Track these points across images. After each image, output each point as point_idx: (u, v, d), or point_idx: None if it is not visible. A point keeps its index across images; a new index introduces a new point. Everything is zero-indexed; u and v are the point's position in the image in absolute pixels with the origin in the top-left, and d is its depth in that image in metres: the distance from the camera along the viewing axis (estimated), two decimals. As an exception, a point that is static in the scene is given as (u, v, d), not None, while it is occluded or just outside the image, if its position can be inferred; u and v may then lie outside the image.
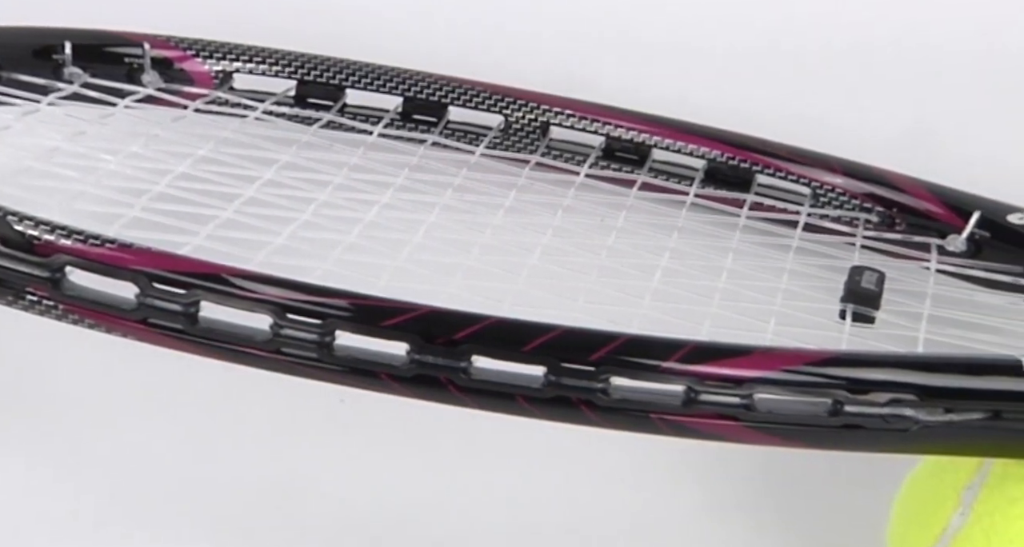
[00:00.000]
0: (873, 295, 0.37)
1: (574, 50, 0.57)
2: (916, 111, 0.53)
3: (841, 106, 0.53)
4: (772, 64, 0.56)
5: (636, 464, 0.38)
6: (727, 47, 0.57)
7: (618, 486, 0.39)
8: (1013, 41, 0.54)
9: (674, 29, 0.58)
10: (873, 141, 0.48)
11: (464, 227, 0.41)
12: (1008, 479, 0.30)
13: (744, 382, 0.31)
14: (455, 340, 0.32)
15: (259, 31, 0.51)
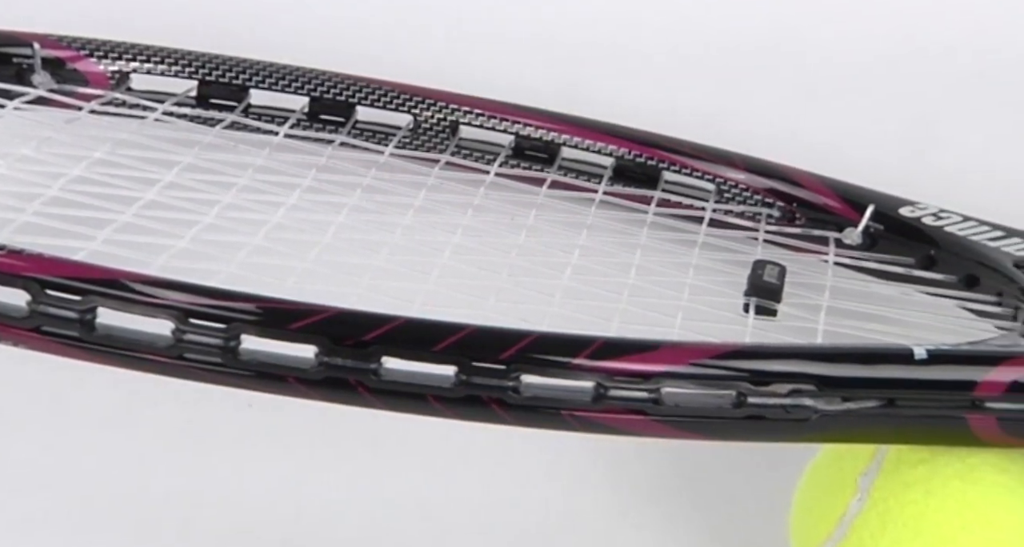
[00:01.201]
0: (775, 288, 0.38)
1: (482, 49, 0.57)
2: (814, 108, 0.55)
3: (743, 103, 0.55)
4: (678, 63, 0.57)
5: (549, 460, 0.39)
6: (635, 46, 0.58)
7: (531, 483, 0.39)
8: (895, 34, 0.56)
9: (581, 28, 0.58)
10: (777, 138, 0.49)
11: (373, 227, 0.41)
12: (902, 464, 0.31)
13: (652, 377, 0.31)
14: (364, 341, 0.31)
15: (158, 30, 0.49)
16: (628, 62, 0.57)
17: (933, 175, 0.49)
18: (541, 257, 0.40)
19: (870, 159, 0.50)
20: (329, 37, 0.56)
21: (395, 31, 0.58)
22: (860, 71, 0.55)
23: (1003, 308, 0.38)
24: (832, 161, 0.46)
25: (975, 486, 0.31)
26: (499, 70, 0.55)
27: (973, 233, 0.41)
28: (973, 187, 0.48)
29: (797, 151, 0.46)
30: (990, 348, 0.33)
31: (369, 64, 0.50)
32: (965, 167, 0.51)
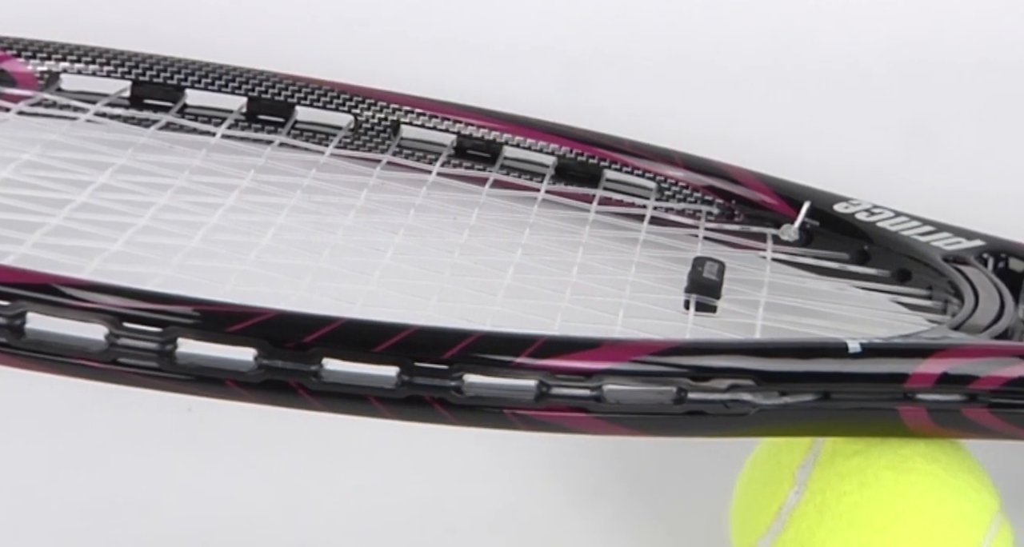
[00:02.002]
0: (714, 285, 0.39)
1: (423, 49, 0.57)
2: (756, 106, 0.55)
3: (686, 102, 0.55)
4: (618, 62, 0.57)
5: (494, 459, 0.39)
6: (574, 45, 0.58)
7: (477, 482, 0.39)
8: (853, 37, 0.57)
9: (520, 28, 0.59)
10: (716, 136, 0.50)
11: (314, 228, 0.40)
12: (838, 456, 0.32)
13: (594, 374, 0.31)
14: (305, 343, 0.31)
15: (89, 30, 0.48)
16: (568, 61, 0.57)
17: (856, 165, 0.50)
18: (484, 256, 0.40)
19: (806, 154, 0.51)
20: (267, 36, 0.55)
21: (335, 30, 0.57)
22: (800, 68, 0.56)
23: (933, 302, 0.39)
24: (769, 159, 0.46)
25: (907, 476, 0.31)
26: (441, 70, 0.55)
27: (904, 228, 0.42)
28: (899, 182, 0.49)
29: (733, 149, 0.47)
30: (921, 341, 0.33)
31: (309, 64, 0.49)
32: (893, 162, 0.52)
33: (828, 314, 0.38)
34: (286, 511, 0.37)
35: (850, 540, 0.31)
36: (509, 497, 0.38)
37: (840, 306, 0.39)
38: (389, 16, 0.58)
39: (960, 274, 0.38)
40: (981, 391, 0.32)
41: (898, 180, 0.50)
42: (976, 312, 0.35)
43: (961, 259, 0.40)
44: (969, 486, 0.32)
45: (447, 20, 0.58)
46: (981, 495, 0.32)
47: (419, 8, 0.58)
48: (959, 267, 0.39)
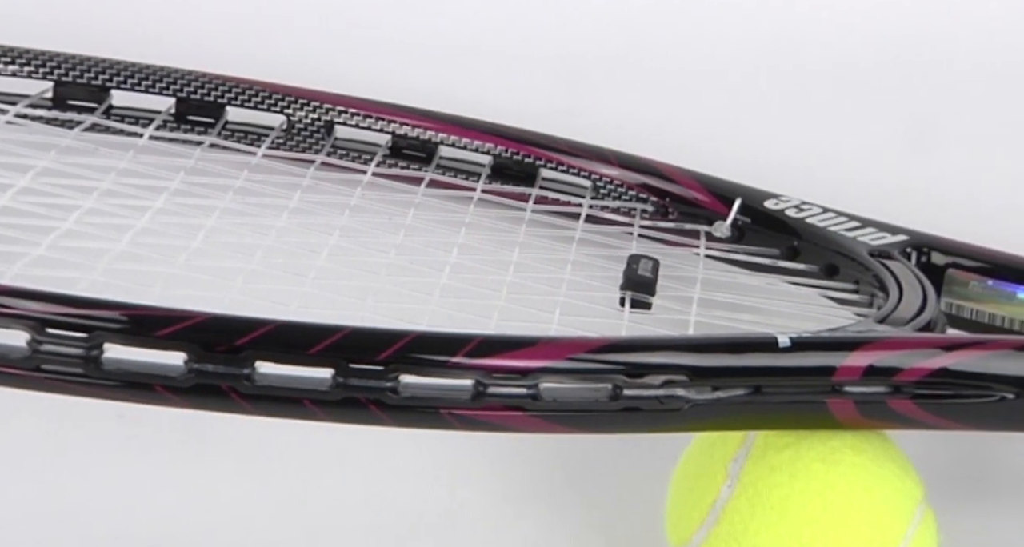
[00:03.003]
0: (649, 282, 0.39)
1: (358, 49, 0.57)
2: (683, 105, 0.56)
3: (617, 101, 0.56)
4: (554, 61, 0.57)
5: (432, 459, 0.39)
6: (508, 44, 0.58)
7: (416, 483, 0.39)
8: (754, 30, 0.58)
9: (453, 25, 0.59)
10: (646, 134, 0.51)
11: (246, 230, 0.40)
12: (769, 449, 0.33)
13: (530, 373, 0.32)
14: (236, 347, 0.31)
15: (9, 28, 0.47)
16: (503, 60, 0.57)
17: (786, 163, 0.51)
18: (420, 256, 0.40)
19: (737, 152, 0.51)
20: (196, 35, 0.55)
21: (266, 29, 0.57)
22: (739, 67, 0.57)
23: (860, 296, 0.40)
24: (705, 157, 0.47)
25: (836, 467, 0.32)
26: (375, 69, 0.55)
27: (832, 224, 0.43)
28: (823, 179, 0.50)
29: (668, 147, 0.48)
30: (848, 334, 0.34)
31: (239, 63, 0.49)
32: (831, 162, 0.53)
33: (760, 309, 0.39)
34: (221, 516, 0.37)
35: (781, 531, 0.32)
36: (447, 497, 0.38)
37: (771, 301, 0.40)
38: (321, 15, 0.57)
39: (885, 268, 0.39)
40: (905, 383, 0.32)
41: (827, 175, 0.51)
42: (900, 305, 0.36)
43: (886, 254, 0.41)
44: (895, 476, 0.32)
45: (380, 18, 0.58)
46: (906, 484, 0.33)
47: (351, 6, 0.58)
48: (884, 262, 0.40)
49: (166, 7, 0.56)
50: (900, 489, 0.32)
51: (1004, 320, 0.40)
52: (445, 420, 0.32)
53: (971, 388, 0.32)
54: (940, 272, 0.41)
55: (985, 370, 0.32)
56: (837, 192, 0.45)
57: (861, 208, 0.43)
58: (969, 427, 0.33)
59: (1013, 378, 0.32)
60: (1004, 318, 0.40)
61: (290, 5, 0.58)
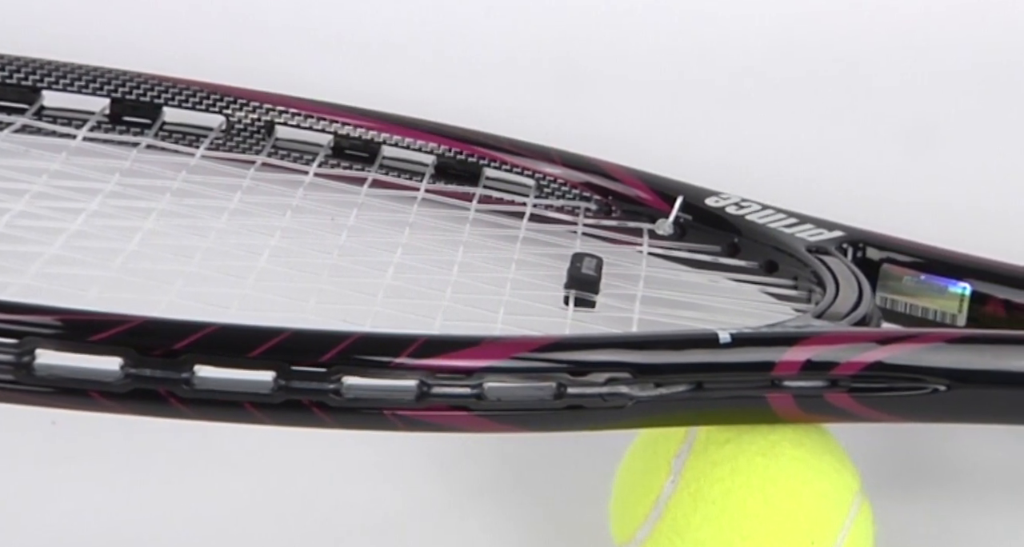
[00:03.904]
0: (593, 280, 0.39)
1: (299, 48, 0.56)
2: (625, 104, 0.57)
3: (560, 101, 0.56)
4: (496, 59, 0.58)
5: (377, 461, 0.39)
6: (452, 44, 0.58)
7: (360, 485, 0.39)
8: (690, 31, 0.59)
9: (394, 25, 0.58)
10: (589, 133, 0.51)
11: (185, 232, 0.39)
12: (710, 445, 0.33)
13: (474, 372, 0.32)
14: (174, 350, 0.30)
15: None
16: (444, 60, 0.57)
17: (718, 163, 0.51)
18: (363, 257, 0.40)
19: (679, 151, 0.52)
20: (131, 34, 0.54)
21: (204, 29, 0.56)
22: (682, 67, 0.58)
23: (799, 291, 0.41)
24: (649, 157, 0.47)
25: (776, 461, 0.32)
26: (316, 68, 0.54)
27: (771, 221, 0.43)
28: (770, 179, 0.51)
29: (611, 146, 0.48)
30: (786, 330, 0.34)
31: (177, 63, 0.48)
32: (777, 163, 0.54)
33: (701, 306, 0.39)
34: (163, 523, 0.36)
35: (723, 525, 0.32)
36: (393, 498, 0.38)
37: (713, 298, 0.40)
38: (260, 14, 0.57)
39: (822, 264, 0.40)
40: (842, 376, 0.33)
41: (769, 172, 0.52)
42: (837, 300, 0.37)
43: (823, 249, 0.41)
44: (832, 468, 0.33)
45: (320, 17, 0.57)
46: (843, 476, 0.33)
47: (290, 5, 0.57)
48: (821, 257, 0.40)
49: (100, 6, 0.55)
50: (838, 481, 0.33)
51: (936, 314, 0.41)
52: (389, 421, 0.32)
53: (905, 381, 0.33)
54: (875, 267, 0.42)
55: (918, 363, 0.33)
56: (776, 189, 0.46)
57: (798, 205, 0.44)
58: (903, 419, 0.34)
59: (944, 370, 0.33)
60: (936, 311, 0.41)
61: (228, 4, 0.57)
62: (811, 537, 0.32)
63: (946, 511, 0.38)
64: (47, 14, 0.54)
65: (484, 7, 0.59)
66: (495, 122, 0.49)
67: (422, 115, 0.49)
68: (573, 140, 0.48)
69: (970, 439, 0.40)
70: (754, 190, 0.45)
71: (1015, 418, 0.35)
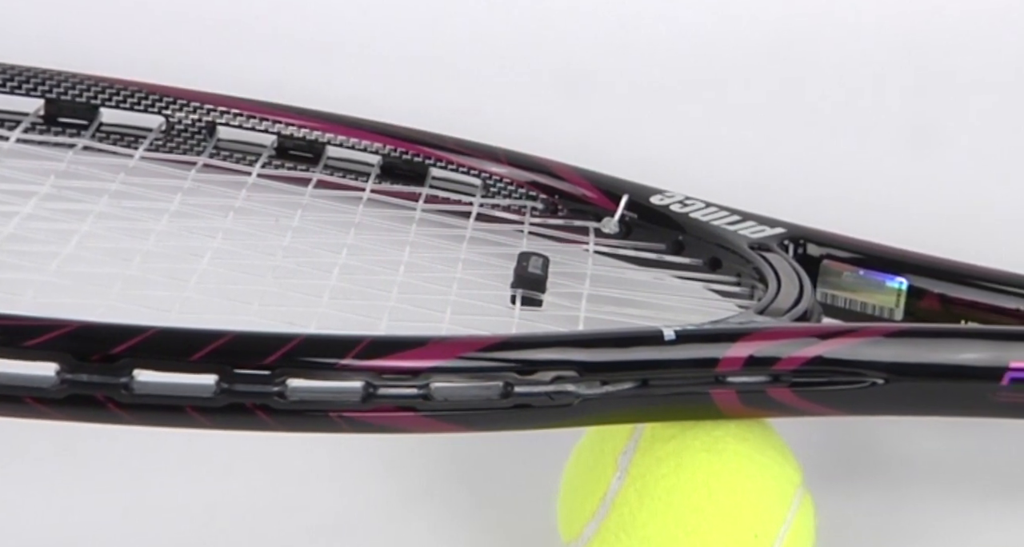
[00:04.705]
0: (539, 279, 0.40)
1: (240, 47, 0.56)
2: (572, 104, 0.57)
3: (506, 99, 0.56)
4: (437, 60, 0.57)
5: (326, 461, 0.38)
6: (397, 44, 0.58)
7: (307, 487, 0.38)
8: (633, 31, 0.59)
9: (336, 24, 0.58)
10: (534, 133, 0.51)
11: (123, 235, 0.39)
12: (656, 441, 0.33)
13: (421, 373, 0.31)
14: (112, 355, 0.30)
15: None
16: (390, 60, 0.57)
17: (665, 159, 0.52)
18: (308, 258, 0.39)
19: (623, 149, 0.52)
20: (67, 34, 0.53)
21: (142, 27, 0.55)
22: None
23: (742, 288, 0.41)
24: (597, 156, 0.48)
25: (719, 456, 0.33)
26: (258, 69, 0.54)
27: (714, 218, 0.44)
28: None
29: (556, 145, 0.48)
30: (729, 326, 0.35)
31: (114, 63, 0.47)
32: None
33: (647, 303, 0.40)
34: (102, 529, 0.36)
35: (668, 521, 0.32)
36: (340, 500, 0.38)
37: (658, 295, 0.41)
38: (199, 12, 0.56)
39: (764, 261, 0.40)
40: (783, 371, 0.33)
41: (709, 170, 0.53)
42: (779, 296, 0.37)
43: (765, 246, 0.42)
44: (775, 462, 0.33)
45: (262, 15, 0.57)
46: (785, 470, 0.33)
47: (229, 3, 0.57)
48: (763, 254, 0.41)
49: (33, 4, 0.54)
50: (780, 475, 0.33)
51: (875, 308, 0.42)
52: (335, 423, 0.31)
53: (844, 375, 0.34)
54: (816, 263, 0.42)
55: (856, 357, 0.34)
56: (718, 187, 0.46)
57: (740, 202, 0.45)
58: (843, 412, 0.35)
59: (882, 364, 0.34)
60: (875, 306, 0.42)
61: (166, 1, 0.56)
62: (755, 531, 0.32)
63: (885, 501, 0.39)
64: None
65: (426, 4, 0.58)
66: (440, 121, 0.49)
67: (367, 115, 0.48)
68: (519, 140, 0.48)
69: (907, 431, 0.40)
70: (698, 188, 0.46)
71: (950, 410, 0.35)
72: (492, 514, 0.38)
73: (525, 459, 0.38)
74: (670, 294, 0.41)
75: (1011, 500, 0.39)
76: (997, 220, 0.51)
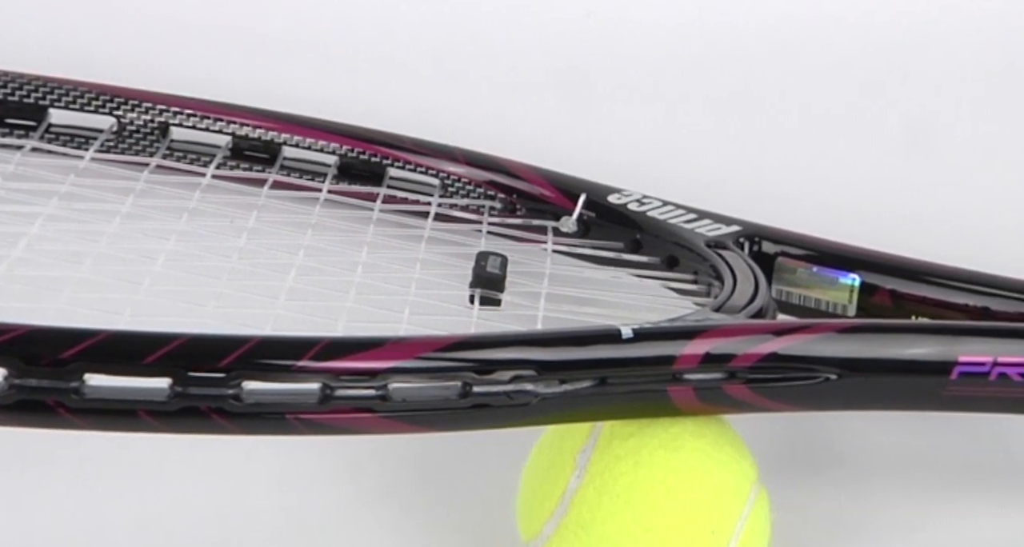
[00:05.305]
0: (498, 279, 0.39)
1: (193, 47, 0.55)
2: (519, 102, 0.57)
3: (463, 99, 0.56)
4: (394, 59, 0.57)
5: (284, 463, 0.38)
6: (352, 42, 0.58)
7: (266, 489, 0.38)
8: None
9: (293, 23, 0.58)
10: (491, 131, 0.51)
11: (74, 237, 0.38)
12: (615, 439, 0.33)
13: (378, 373, 0.31)
14: (62, 359, 0.29)
15: None
16: (346, 58, 0.57)
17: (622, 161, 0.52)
18: (264, 259, 0.39)
19: (580, 148, 0.52)
20: (14, 34, 0.52)
21: (93, 27, 0.54)
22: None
23: (699, 285, 0.42)
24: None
25: (677, 453, 0.33)
26: (211, 69, 0.53)
27: (671, 217, 0.44)
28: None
29: (514, 144, 0.48)
30: (686, 324, 0.35)
31: (63, 63, 0.46)
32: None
33: (605, 302, 0.40)
34: (59, 535, 0.35)
35: (627, 518, 0.32)
36: (299, 503, 0.38)
37: (616, 294, 0.41)
38: (152, 11, 0.55)
39: (720, 258, 0.41)
40: (739, 368, 0.34)
41: (664, 170, 0.53)
42: (735, 294, 0.38)
43: (721, 244, 0.42)
44: (731, 459, 0.34)
45: (215, 15, 0.56)
46: (742, 466, 0.34)
47: (183, 2, 0.56)
48: (719, 252, 0.41)
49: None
50: (737, 471, 0.33)
51: (828, 304, 0.42)
52: (292, 425, 0.31)
53: (798, 371, 0.34)
54: (771, 260, 0.43)
55: (810, 353, 0.34)
56: (675, 185, 0.46)
57: (697, 200, 0.45)
58: (798, 408, 0.35)
59: (835, 359, 0.34)
60: (828, 302, 0.42)
61: (118, 1, 0.55)
62: (711, 526, 0.33)
63: (839, 495, 0.39)
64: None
65: (380, 2, 0.58)
66: (398, 121, 0.48)
67: (323, 115, 0.48)
68: (478, 139, 0.48)
69: (860, 426, 0.41)
70: (655, 186, 0.46)
71: (901, 404, 0.36)
72: (451, 514, 0.38)
73: (484, 459, 0.38)
74: (628, 292, 0.41)
75: (960, 492, 0.40)
76: (947, 216, 0.52)
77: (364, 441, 0.33)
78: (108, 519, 0.36)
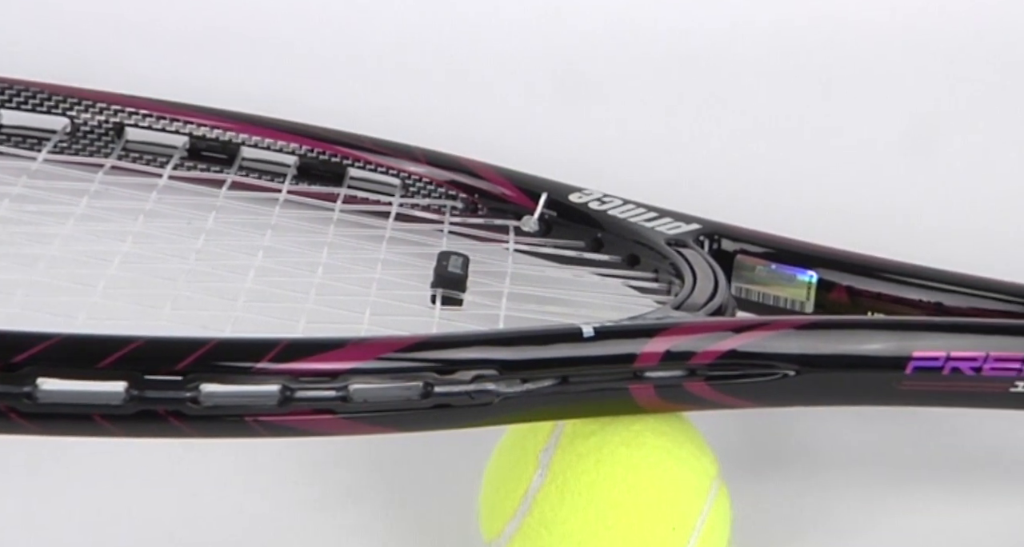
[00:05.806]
0: (459, 278, 0.39)
1: (148, 46, 0.54)
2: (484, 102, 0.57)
3: (423, 98, 0.56)
4: (353, 59, 0.57)
5: (243, 466, 0.38)
6: (312, 42, 0.57)
7: (226, 490, 0.37)
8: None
9: (249, 21, 0.57)
10: (456, 132, 0.51)
11: (26, 239, 0.37)
12: (577, 437, 0.33)
13: (339, 374, 0.31)
14: (13, 364, 0.29)
15: None
16: (306, 57, 0.56)
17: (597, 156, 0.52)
18: (222, 261, 0.39)
19: (541, 147, 0.52)
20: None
21: (46, 28, 0.53)
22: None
23: (659, 284, 0.42)
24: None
25: (639, 450, 0.33)
26: (167, 69, 0.53)
27: (632, 215, 0.44)
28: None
29: (474, 144, 0.48)
30: (647, 322, 0.35)
31: (14, 63, 0.46)
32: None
33: (567, 301, 0.40)
34: (16, 543, 0.34)
35: (589, 516, 0.32)
36: (259, 505, 0.37)
37: (578, 293, 0.41)
38: (107, 9, 0.55)
39: (681, 256, 0.41)
40: (699, 365, 0.34)
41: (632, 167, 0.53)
42: (695, 291, 0.38)
43: (681, 242, 0.42)
44: (692, 455, 0.34)
45: (171, 13, 0.55)
46: (702, 462, 0.34)
47: (137, 1, 0.55)
48: (680, 250, 0.41)
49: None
50: (697, 468, 0.34)
51: (786, 301, 0.43)
52: (251, 428, 0.31)
53: (757, 367, 0.34)
54: (730, 258, 0.43)
55: (769, 350, 0.34)
56: (636, 184, 0.46)
57: (657, 199, 0.45)
58: (757, 404, 0.35)
59: (793, 356, 0.34)
60: (786, 299, 0.43)
61: (71, 0, 0.54)
62: (672, 523, 0.33)
63: (798, 490, 0.40)
64: None
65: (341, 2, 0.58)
66: (359, 121, 0.48)
67: (282, 115, 0.48)
68: (441, 139, 0.48)
69: (818, 422, 0.41)
70: (616, 186, 0.46)
71: (858, 399, 0.36)
72: (413, 515, 0.37)
73: (446, 459, 0.38)
74: (589, 291, 0.41)
75: (916, 484, 0.40)
76: (904, 212, 0.53)
77: (326, 442, 0.33)
78: (62, 525, 0.35)
